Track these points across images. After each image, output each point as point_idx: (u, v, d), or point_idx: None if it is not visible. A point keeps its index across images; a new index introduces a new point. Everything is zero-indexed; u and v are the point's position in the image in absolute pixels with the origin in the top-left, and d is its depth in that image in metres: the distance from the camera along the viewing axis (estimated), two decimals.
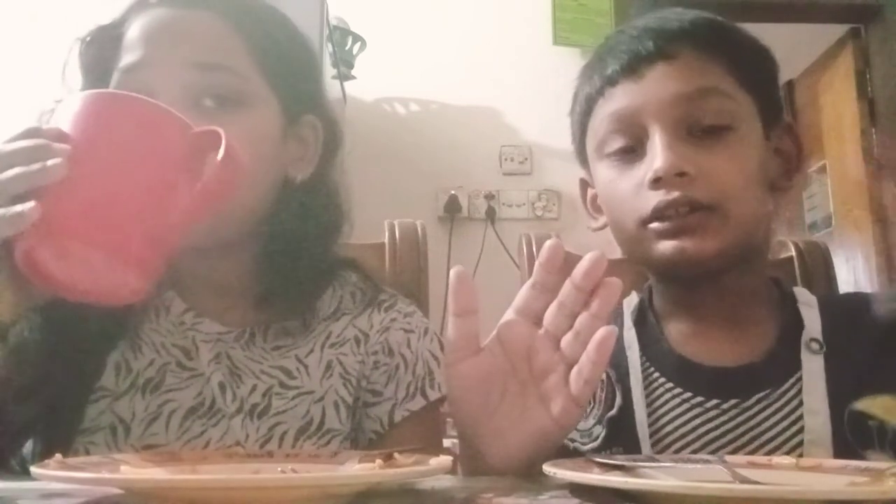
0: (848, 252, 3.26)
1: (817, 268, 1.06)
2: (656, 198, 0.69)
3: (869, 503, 0.41)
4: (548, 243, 0.57)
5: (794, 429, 0.67)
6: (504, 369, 0.58)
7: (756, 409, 0.69)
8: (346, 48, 2.47)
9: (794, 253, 1.07)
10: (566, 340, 0.56)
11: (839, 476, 0.49)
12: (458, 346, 0.58)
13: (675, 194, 0.68)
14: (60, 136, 0.53)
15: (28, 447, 0.68)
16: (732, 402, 0.70)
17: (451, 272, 0.58)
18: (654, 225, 0.70)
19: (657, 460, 0.55)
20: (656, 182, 0.69)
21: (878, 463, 0.53)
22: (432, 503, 0.46)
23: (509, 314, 0.59)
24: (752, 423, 0.68)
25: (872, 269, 3.12)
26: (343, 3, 2.45)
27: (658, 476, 0.48)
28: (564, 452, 0.66)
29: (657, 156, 0.69)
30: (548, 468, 0.46)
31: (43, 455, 0.65)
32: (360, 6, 2.55)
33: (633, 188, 0.71)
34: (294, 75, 0.75)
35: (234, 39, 0.71)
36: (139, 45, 0.69)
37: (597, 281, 0.55)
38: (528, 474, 0.56)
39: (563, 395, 0.56)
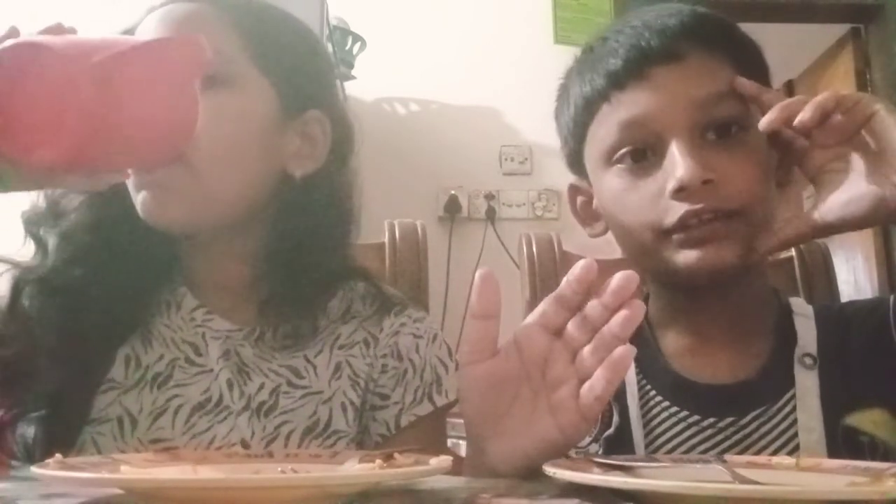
0: (848, 252, 3.25)
1: (817, 268, 1.06)
2: (681, 208, 0.67)
3: (869, 503, 0.41)
4: (582, 262, 0.55)
5: (790, 446, 0.67)
6: (518, 374, 0.58)
7: (752, 426, 0.69)
8: (346, 48, 2.47)
9: (794, 253, 1.07)
10: (582, 355, 0.55)
11: (839, 476, 0.49)
12: (475, 349, 0.58)
13: (701, 204, 0.66)
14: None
15: (31, 434, 0.69)
16: (729, 419, 0.69)
17: (477, 274, 0.57)
18: (677, 235, 0.68)
19: (657, 460, 0.56)
20: (680, 192, 0.66)
21: (878, 463, 0.53)
22: (432, 503, 0.46)
23: (528, 321, 0.59)
24: (748, 441, 0.68)
25: (872, 269, 3.12)
26: (343, 3, 2.45)
27: (658, 476, 0.48)
28: None
29: (678, 164, 0.66)
30: (548, 468, 0.46)
31: (49, 442, 0.66)
32: (360, 6, 2.55)
33: (651, 197, 0.69)
34: (294, 69, 0.76)
35: (223, 25, 0.72)
36: (134, 34, 0.72)
37: (625, 300, 0.54)
38: (529, 475, 0.56)
39: (572, 409, 0.55)
